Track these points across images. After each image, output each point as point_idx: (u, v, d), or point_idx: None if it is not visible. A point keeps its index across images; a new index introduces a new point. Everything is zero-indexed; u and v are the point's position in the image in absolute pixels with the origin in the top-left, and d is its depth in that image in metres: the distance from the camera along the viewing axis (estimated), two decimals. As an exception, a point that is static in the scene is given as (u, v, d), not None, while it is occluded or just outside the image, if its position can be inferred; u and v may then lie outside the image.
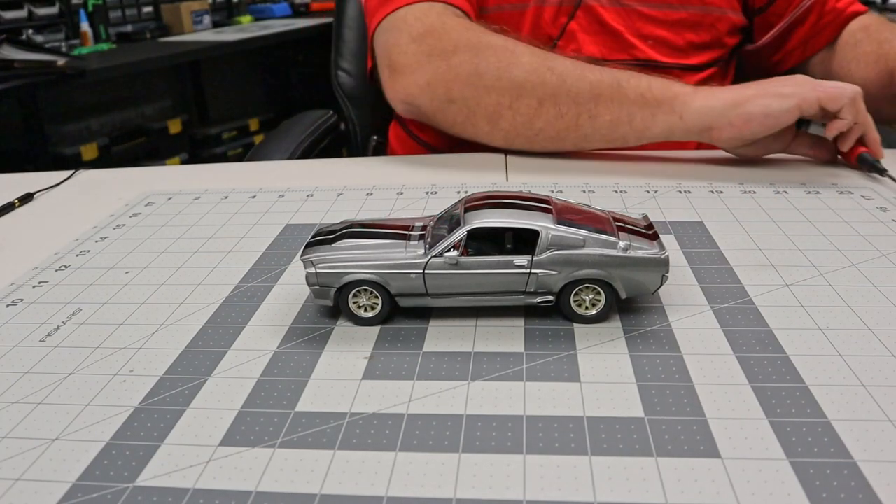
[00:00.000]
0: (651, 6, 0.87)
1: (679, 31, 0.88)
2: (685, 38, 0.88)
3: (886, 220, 0.57)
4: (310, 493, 0.32)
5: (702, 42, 0.89)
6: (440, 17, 0.77)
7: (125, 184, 0.77)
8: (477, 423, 0.35)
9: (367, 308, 0.44)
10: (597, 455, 0.33)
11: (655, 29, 0.88)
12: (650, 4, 0.87)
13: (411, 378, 0.39)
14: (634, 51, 0.87)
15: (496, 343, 0.42)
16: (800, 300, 0.45)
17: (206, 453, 0.34)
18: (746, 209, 0.60)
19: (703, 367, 0.39)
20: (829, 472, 0.31)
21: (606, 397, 0.37)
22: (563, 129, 0.73)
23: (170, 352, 0.43)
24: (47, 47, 2.24)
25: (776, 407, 0.35)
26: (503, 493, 0.31)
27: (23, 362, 0.43)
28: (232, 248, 0.58)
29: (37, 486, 0.33)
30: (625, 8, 0.87)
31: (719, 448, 0.33)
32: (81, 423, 0.37)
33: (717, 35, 0.89)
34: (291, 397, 0.38)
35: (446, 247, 0.43)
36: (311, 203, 0.67)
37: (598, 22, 0.87)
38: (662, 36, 0.88)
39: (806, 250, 0.52)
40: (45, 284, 0.53)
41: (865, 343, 0.41)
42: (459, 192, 0.67)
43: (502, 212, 0.43)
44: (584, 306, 0.43)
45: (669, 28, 0.88)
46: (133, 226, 0.64)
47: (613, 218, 0.46)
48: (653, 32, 0.88)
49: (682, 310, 0.45)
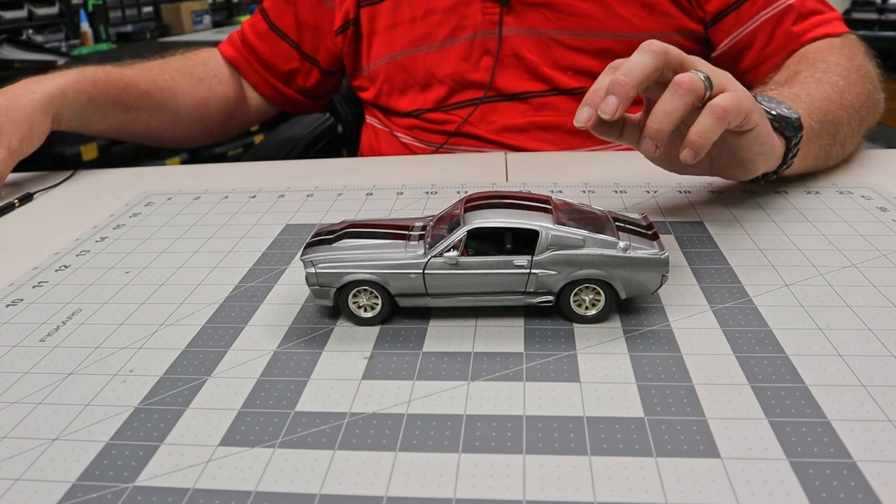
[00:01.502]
0: (570, 34, 0.81)
1: (604, 59, 0.80)
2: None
3: (886, 220, 0.57)
4: (310, 493, 0.32)
5: None
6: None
7: (125, 184, 0.77)
8: (477, 423, 0.35)
9: (367, 308, 0.44)
10: (597, 455, 0.33)
11: (577, 58, 0.82)
12: (570, 33, 0.81)
13: (411, 378, 0.39)
14: (554, 82, 0.83)
15: (496, 343, 0.42)
16: (800, 300, 0.45)
17: (206, 453, 0.34)
18: (746, 209, 0.60)
19: (703, 367, 0.39)
20: (829, 472, 0.31)
21: (606, 397, 0.37)
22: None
23: (170, 352, 0.43)
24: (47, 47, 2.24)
25: (776, 407, 0.35)
26: (503, 493, 0.31)
27: (23, 362, 0.43)
28: (232, 248, 0.58)
29: (37, 486, 0.33)
30: (542, 37, 0.82)
31: (719, 448, 0.33)
32: (81, 423, 0.37)
33: None
34: (291, 397, 0.38)
35: (446, 247, 0.43)
36: (311, 203, 0.67)
37: (515, 55, 0.83)
38: (584, 65, 0.82)
39: (806, 250, 0.52)
40: (45, 284, 0.53)
41: (865, 343, 0.41)
42: (459, 192, 0.67)
43: (502, 212, 0.43)
44: (584, 306, 0.43)
45: (593, 56, 0.81)
46: (133, 226, 0.64)
47: (613, 218, 0.46)
48: (574, 62, 0.82)
49: (682, 310, 0.45)
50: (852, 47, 0.75)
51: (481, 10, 0.83)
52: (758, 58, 0.79)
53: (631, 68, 0.49)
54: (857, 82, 0.69)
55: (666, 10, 0.80)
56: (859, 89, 0.69)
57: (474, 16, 0.83)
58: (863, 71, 0.72)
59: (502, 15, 0.82)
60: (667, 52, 0.50)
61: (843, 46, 0.75)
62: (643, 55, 0.49)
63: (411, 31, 0.86)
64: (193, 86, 0.92)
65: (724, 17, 0.80)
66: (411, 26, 0.86)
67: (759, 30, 0.78)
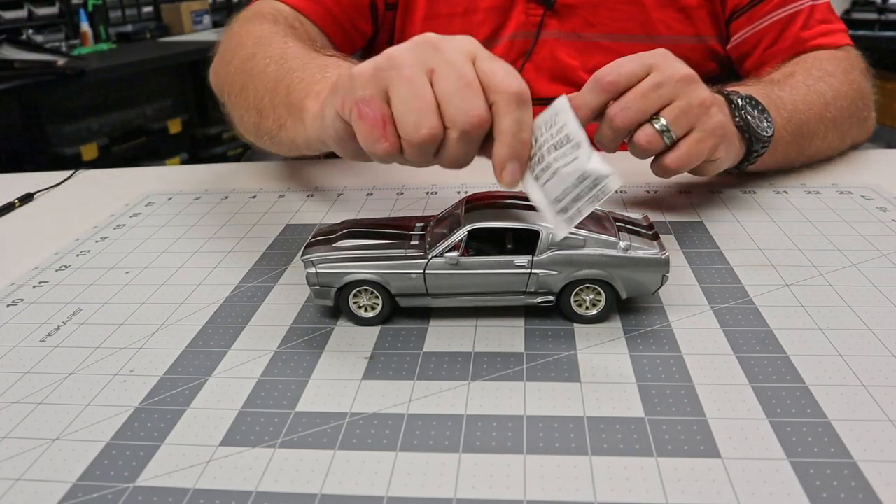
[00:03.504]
0: (611, 38, 0.81)
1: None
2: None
3: (886, 220, 0.57)
4: (310, 493, 0.32)
5: None
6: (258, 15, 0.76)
7: (125, 184, 0.77)
8: (477, 423, 0.35)
9: (367, 308, 0.44)
10: (597, 455, 0.33)
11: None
12: (610, 37, 0.81)
13: (411, 378, 0.39)
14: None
15: (496, 343, 0.42)
16: (800, 300, 0.45)
17: (206, 453, 0.34)
18: (746, 209, 0.60)
19: (703, 367, 0.39)
20: (829, 472, 0.31)
21: (606, 397, 0.37)
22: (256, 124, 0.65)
23: (170, 352, 0.43)
24: (47, 47, 2.24)
25: (776, 407, 0.35)
26: (503, 493, 0.31)
27: (23, 362, 0.43)
28: (232, 248, 0.58)
29: (37, 486, 0.33)
30: (582, 41, 0.82)
31: (719, 448, 0.33)
32: (81, 423, 0.37)
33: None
34: (291, 397, 0.38)
35: (446, 247, 0.43)
36: (311, 203, 0.67)
37: (552, 58, 0.83)
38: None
39: (806, 250, 0.52)
40: (45, 284, 0.53)
41: (865, 343, 0.41)
42: (459, 192, 0.67)
43: (502, 212, 0.43)
44: (585, 306, 0.43)
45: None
46: (133, 226, 0.64)
47: (613, 218, 0.46)
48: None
49: (682, 310, 0.45)
50: (852, 62, 0.76)
51: (524, 10, 0.83)
52: (762, 57, 0.80)
53: (620, 75, 0.51)
54: (845, 96, 0.70)
55: (699, 14, 0.81)
56: (846, 104, 0.70)
57: (517, 17, 0.83)
58: (855, 86, 0.72)
59: (544, 17, 0.82)
60: (616, 84, 0.52)
61: (843, 60, 0.75)
62: (589, 94, 0.52)
63: (448, 28, 0.85)
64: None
65: (739, 16, 0.81)
66: (448, 22, 0.85)
67: (768, 30, 0.79)
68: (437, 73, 0.40)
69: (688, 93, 0.52)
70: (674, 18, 0.80)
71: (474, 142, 0.41)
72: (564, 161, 0.38)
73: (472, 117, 0.39)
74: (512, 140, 0.40)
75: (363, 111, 0.41)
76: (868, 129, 0.75)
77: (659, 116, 0.51)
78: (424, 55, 0.41)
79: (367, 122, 0.41)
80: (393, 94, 0.40)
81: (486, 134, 0.40)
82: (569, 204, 0.39)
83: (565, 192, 0.39)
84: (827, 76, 0.70)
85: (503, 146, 0.40)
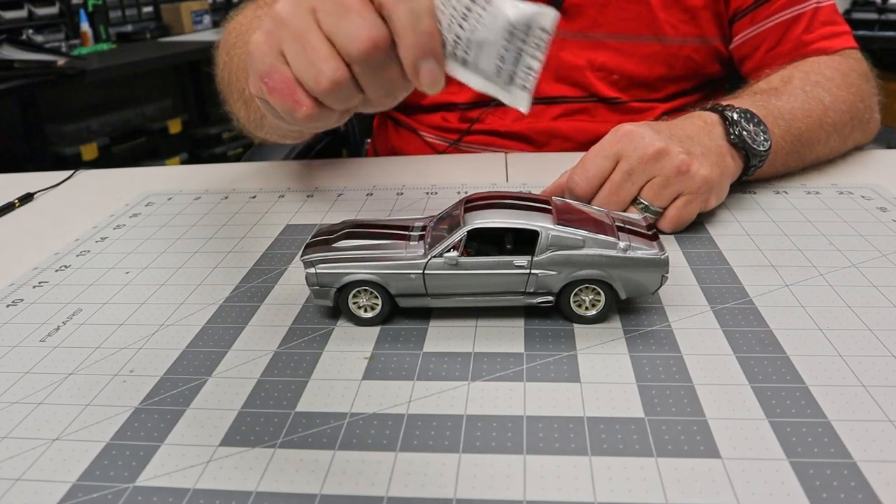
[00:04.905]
0: (618, 38, 0.81)
1: (650, 64, 0.81)
2: (656, 72, 0.82)
3: (886, 220, 0.57)
4: (310, 493, 0.32)
5: (675, 75, 0.83)
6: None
7: (125, 184, 0.77)
8: (477, 424, 0.35)
9: (367, 308, 0.44)
10: (597, 455, 0.33)
11: (624, 62, 0.82)
12: (617, 37, 0.81)
13: (411, 378, 0.39)
14: (592, 88, 0.83)
15: (496, 343, 0.42)
16: (800, 300, 0.45)
17: (206, 453, 0.34)
18: (746, 209, 0.60)
19: (703, 367, 0.39)
20: (829, 472, 0.31)
21: (606, 397, 0.37)
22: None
23: (170, 352, 0.43)
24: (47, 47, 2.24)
25: (776, 407, 0.35)
26: (503, 493, 0.31)
27: (23, 362, 0.43)
28: (232, 249, 0.58)
29: (37, 486, 0.33)
30: (589, 41, 0.82)
31: (719, 448, 0.33)
32: (81, 423, 0.37)
33: (692, 67, 0.83)
34: (291, 397, 0.38)
35: (446, 247, 0.43)
36: (311, 203, 0.67)
37: (556, 58, 0.82)
38: (630, 70, 0.82)
39: (806, 250, 0.52)
40: (45, 284, 0.53)
41: (865, 343, 0.41)
42: (459, 192, 0.67)
43: (502, 212, 0.43)
44: (584, 307, 0.43)
45: (640, 61, 0.81)
46: (133, 226, 0.64)
47: (613, 218, 0.46)
48: (621, 66, 0.82)
49: (682, 310, 0.45)
50: (851, 65, 0.75)
51: None
52: (763, 59, 0.80)
53: (590, 178, 0.54)
54: (844, 100, 0.70)
55: (704, 15, 0.81)
56: (846, 108, 0.69)
57: None
58: (854, 89, 0.72)
59: None
60: (589, 189, 0.54)
61: (842, 63, 0.75)
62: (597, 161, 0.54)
63: None
64: None
65: (742, 17, 0.81)
66: None
67: (770, 32, 0.79)
68: (318, 10, 0.38)
69: (661, 167, 0.53)
70: (679, 19, 0.80)
71: (385, 66, 0.37)
72: (482, 25, 0.34)
73: (362, 42, 0.36)
74: (412, 35, 0.36)
75: (269, 85, 0.39)
76: (872, 131, 0.75)
77: (639, 199, 0.53)
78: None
79: (277, 95, 0.39)
80: (287, 55, 0.38)
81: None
82: (513, 69, 0.35)
83: (501, 59, 0.34)
84: (825, 80, 0.70)
85: (405, 47, 0.36)
